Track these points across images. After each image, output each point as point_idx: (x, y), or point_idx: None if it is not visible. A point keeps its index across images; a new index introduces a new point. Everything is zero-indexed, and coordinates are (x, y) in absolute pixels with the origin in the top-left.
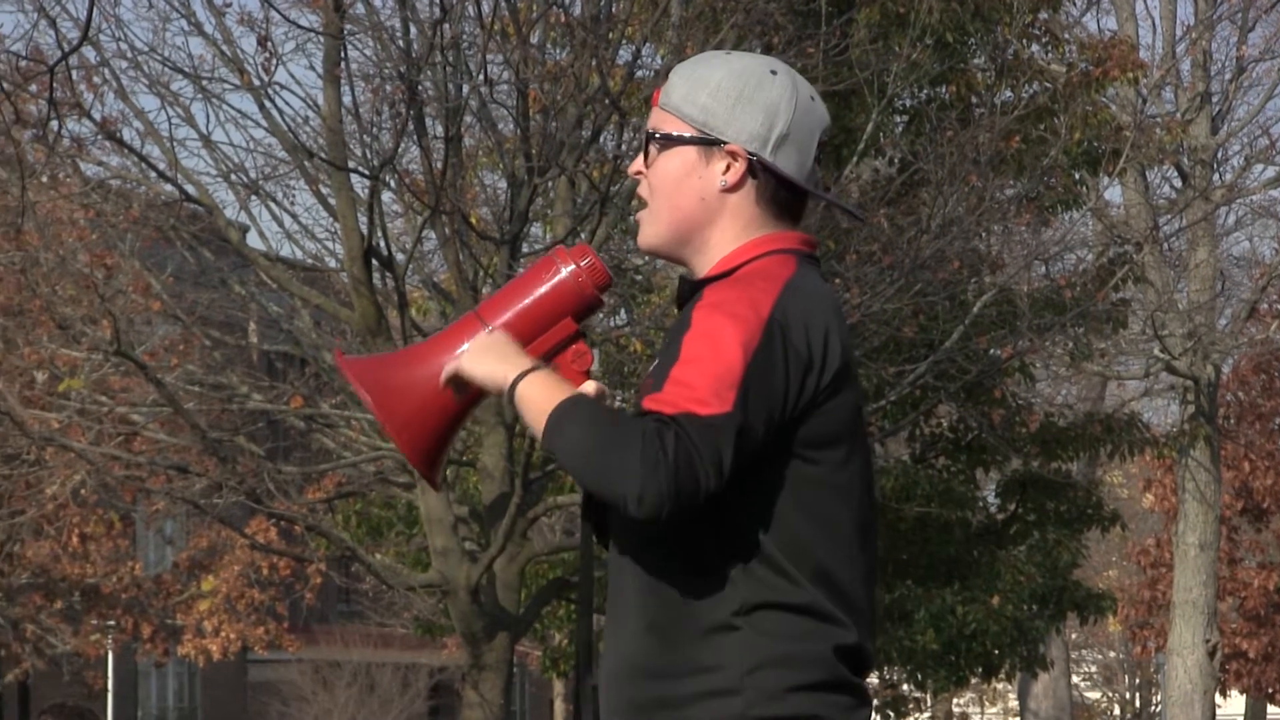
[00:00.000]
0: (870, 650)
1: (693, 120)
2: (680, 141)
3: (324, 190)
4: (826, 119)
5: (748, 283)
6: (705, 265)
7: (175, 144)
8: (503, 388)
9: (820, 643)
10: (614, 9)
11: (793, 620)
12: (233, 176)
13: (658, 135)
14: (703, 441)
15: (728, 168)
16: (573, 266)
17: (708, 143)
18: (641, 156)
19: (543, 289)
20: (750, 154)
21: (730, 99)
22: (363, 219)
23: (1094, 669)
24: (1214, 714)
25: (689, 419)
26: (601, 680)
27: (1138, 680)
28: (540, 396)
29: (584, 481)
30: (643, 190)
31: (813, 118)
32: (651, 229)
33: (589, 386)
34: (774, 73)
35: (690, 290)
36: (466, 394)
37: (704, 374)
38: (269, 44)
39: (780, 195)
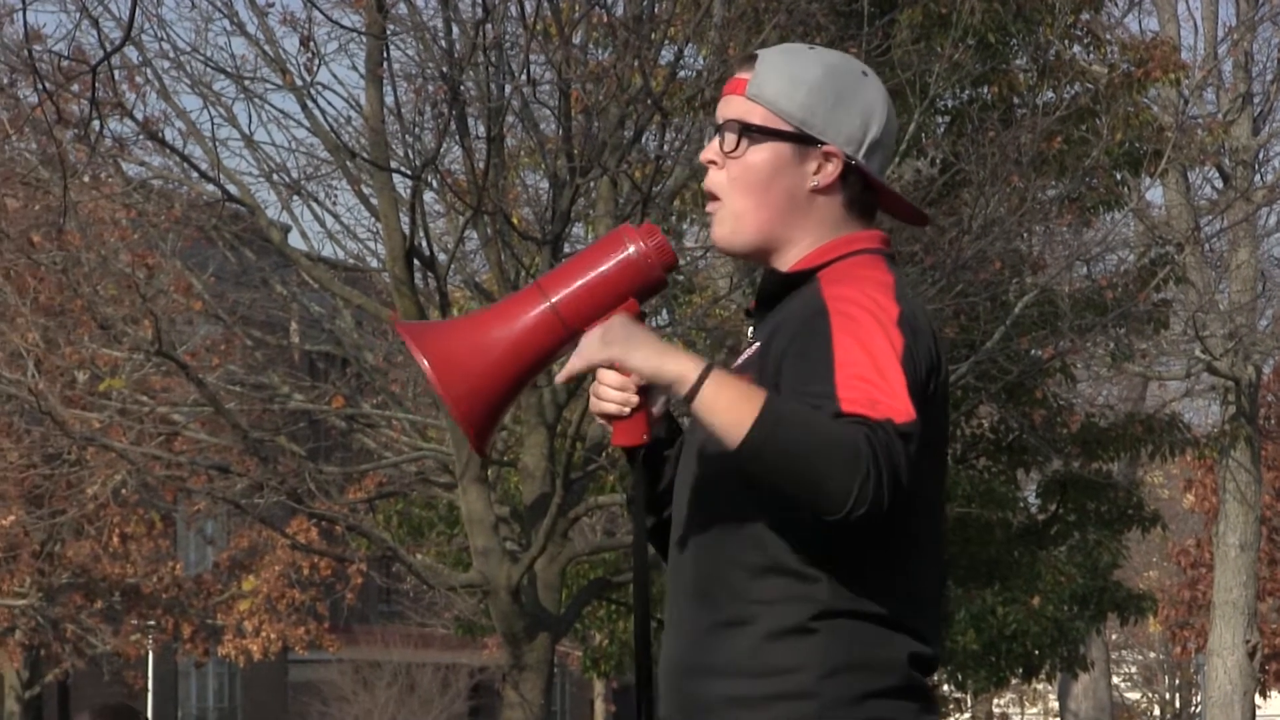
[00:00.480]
0: (939, 653)
1: (790, 117)
2: (778, 136)
3: (366, 190)
4: (896, 125)
5: (859, 282)
6: (785, 264)
7: (217, 144)
8: (682, 381)
9: (897, 649)
10: (656, 9)
11: (872, 626)
12: (275, 176)
13: (751, 127)
14: (905, 449)
15: (818, 168)
16: (641, 244)
17: (806, 141)
18: (717, 143)
19: (608, 265)
20: (847, 157)
21: (830, 99)
22: (405, 219)
23: (1134, 670)
24: (1254, 715)
25: (891, 425)
26: (662, 678)
27: (1178, 681)
28: (736, 395)
29: (789, 487)
30: (715, 181)
31: (893, 126)
32: (732, 226)
33: None
34: (865, 74)
35: (777, 285)
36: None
37: (883, 380)
38: (311, 44)
39: (865, 198)
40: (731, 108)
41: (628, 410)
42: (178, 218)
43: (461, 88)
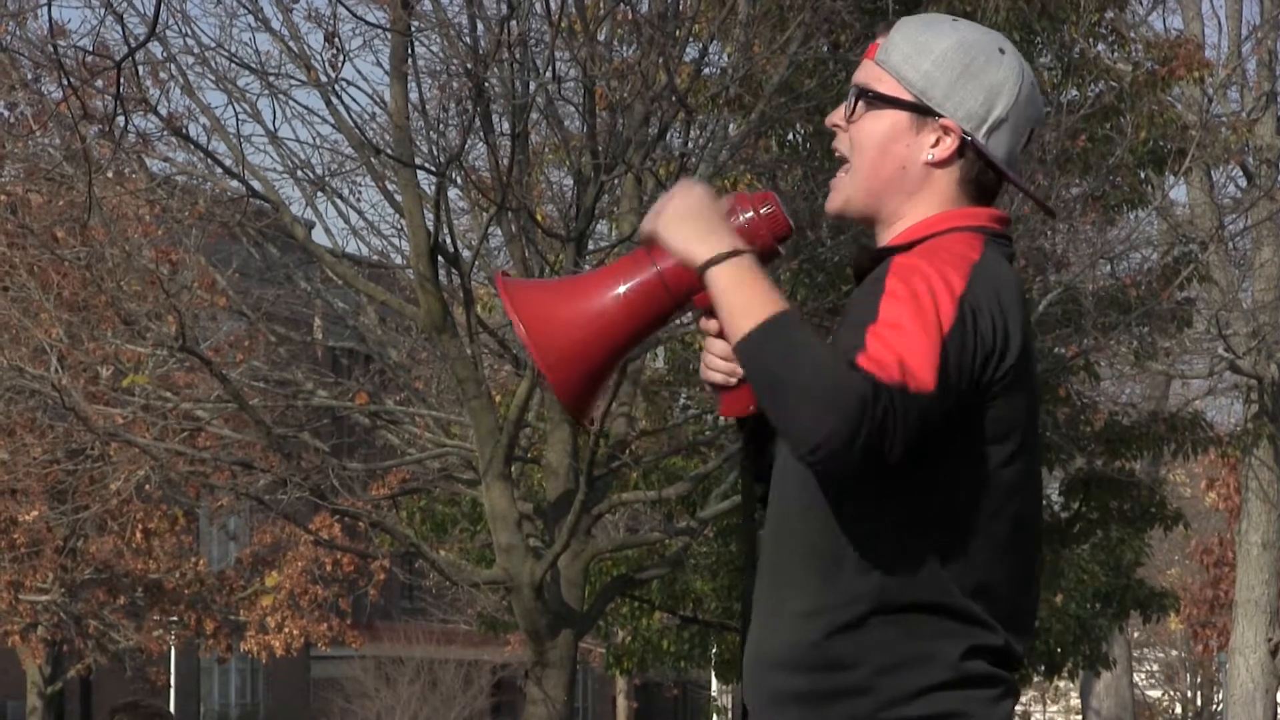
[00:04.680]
0: (1020, 650)
1: (911, 85)
2: (894, 104)
3: (390, 187)
4: (1042, 112)
5: (938, 257)
6: (890, 235)
7: (241, 140)
8: (694, 263)
9: (958, 640)
10: (681, 6)
11: (932, 617)
12: (299, 173)
13: (870, 93)
14: (905, 415)
15: (936, 141)
16: (752, 214)
17: (922, 111)
18: (844, 109)
19: None
20: (965, 133)
21: (954, 71)
22: (429, 216)
23: (1156, 668)
24: (1276, 713)
25: (900, 389)
26: (749, 666)
27: (1199, 679)
28: (747, 292)
29: (769, 404)
30: (841, 145)
31: (1032, 109)
32: (848, 193)
33: None
34: (1002, 51)
35: (872, 260)
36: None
37: (911, 345)
38: (336, 40)
39: (984, 178)
40: (862, 73)
41: (734, 380)
42: (202, 214)
43: (486, 84)
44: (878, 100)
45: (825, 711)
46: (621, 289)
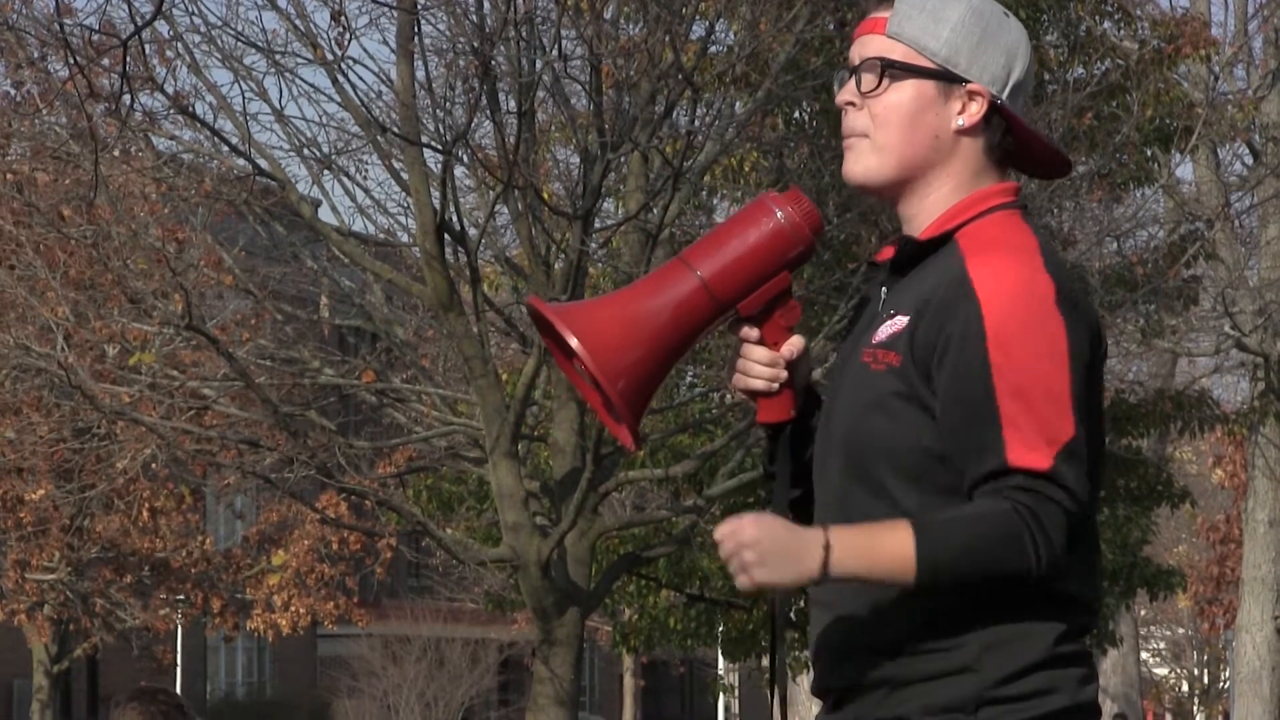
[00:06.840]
0: (1098, 613)
1: (934, 55)
2: (920, 73)
3: (397, 165)
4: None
5: (1004, 252)
6: (921, 212)
7: (248, 118)
8: (814, 580)
9: (1058, 617)
10: None
11: (1032, 596)
12: (305, 151)
13: (895, 64)
14: (1069, 477)
15: (963, 108)
16: (789, 211)
17: (950, 79)
18: (853, 84)
19: (758, 236)
20: (993, 96)
21: (975, 36)
22: (435, 194)
23: (1163, 645)
24: None
25: (1050, 478)
26: (820, 655)
27: (1206, 657)
28: (877, 555)
29: (970, 584)
30: (856, 122)
31: (1033, 68)
32: (875, 159)
33: (796, 342)
34: (1007, 15)
35: (915, 253)
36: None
37: (1046, 404)
38: (342, 18)
39: (1005, 143)
40: (870, 47)
41: (776, 386)
42: (208, 192)
43: (493, 62)
44: (903, 71)
45: (927, 693)
46: (668, 300)
